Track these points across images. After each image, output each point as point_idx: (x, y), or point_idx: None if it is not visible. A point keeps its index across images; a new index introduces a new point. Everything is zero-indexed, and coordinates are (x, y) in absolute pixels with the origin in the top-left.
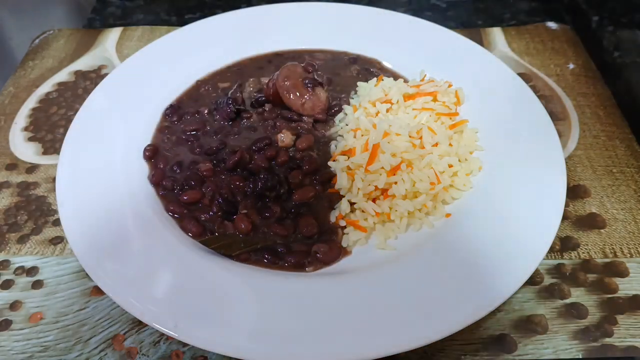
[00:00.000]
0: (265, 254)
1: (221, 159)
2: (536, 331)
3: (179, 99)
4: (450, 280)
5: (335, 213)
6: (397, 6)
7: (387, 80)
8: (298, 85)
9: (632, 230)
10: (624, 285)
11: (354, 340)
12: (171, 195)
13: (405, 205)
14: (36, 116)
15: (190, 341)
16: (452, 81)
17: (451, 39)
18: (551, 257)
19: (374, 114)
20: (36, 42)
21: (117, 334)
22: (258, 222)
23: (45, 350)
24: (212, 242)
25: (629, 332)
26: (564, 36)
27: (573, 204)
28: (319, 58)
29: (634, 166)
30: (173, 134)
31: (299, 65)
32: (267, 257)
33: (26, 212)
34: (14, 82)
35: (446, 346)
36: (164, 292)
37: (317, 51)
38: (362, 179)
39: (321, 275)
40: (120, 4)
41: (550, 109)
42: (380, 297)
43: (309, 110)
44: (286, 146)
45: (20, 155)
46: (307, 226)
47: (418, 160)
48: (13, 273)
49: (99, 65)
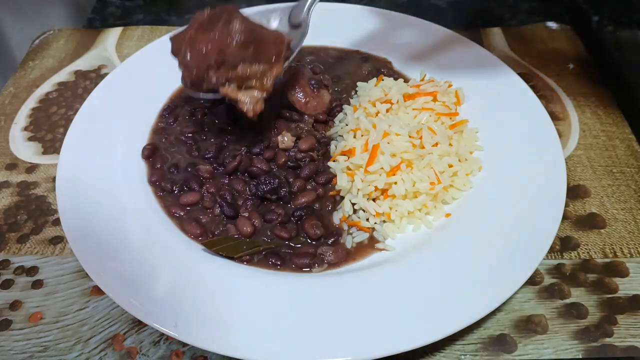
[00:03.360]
0: (269, 257)
1: (221, 162)
2: (536, 331)
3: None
4: (451, 280)
5: (339, 214)
6: (397, 6)
7: (387, 80)
8: (304, 85)
9: (632, 230)
10: (624, 285)
11: (354, 340)
12: (169, 196)
13: (406, 205)
14: (36, 116)
15: (190, 341)
16: (452, 81)
17: (451, 39)
18: (551, 257)
19: (374, 114)
20: (36, 42)
21: (117, 334)
22: (260, 225)
23: (45, 350)
24: (213, 244)
25: (629, 332)
26: (564, 36)
27: (573, 204)
28: (332, 55)
29: (634, 166)
30: (171, 134)
31: (306, 67)
32: (271, 260)
33: (26, 212)
34: (14, 82)
35: (446, 346)
36: (164, 292)
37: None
38: (362, 179)
39: (321, 275)
40: (120, 4)
41: (550, 109)
42: (380, 297)
43: (311, 109)
44: (287, 148)
45: (20, 155)
46: (312, 228)
47: (418, 160)
48: (13, 273)
49: (99, 65)
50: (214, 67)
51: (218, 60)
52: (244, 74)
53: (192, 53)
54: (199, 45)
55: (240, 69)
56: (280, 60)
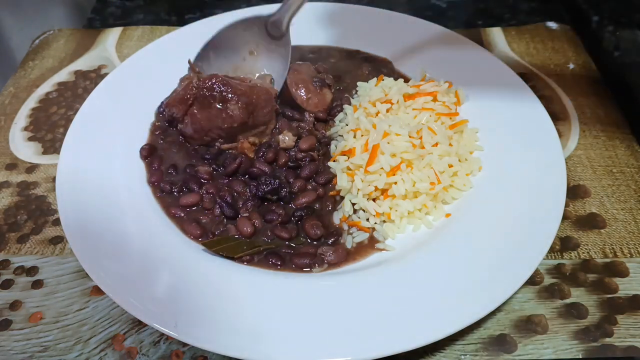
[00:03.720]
0: (269, 258)
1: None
2: (536, 331)
3: None
4: (450, 280)
5: (339, 214)
6: (397, 6)
7: (387, 80)
8: (307, 82)
9: (632, 230)
10: (624, 285)
11: (354, 340)
12: (169, 197)
13: (406, 205)
14: (36, 116)
15: (190, 341)
16: (452, 81)
17: (451, 39)
18: (551, 257)
19: (374, 114)
20: (36, 42)
21: (117, 334)
22: (261, 225)
23: (45, 350)
24: (214, 244)
25: (629, 332)
26: (564, 36)
27: (573, 204)
28: (332, 55)
29: (634, 166)
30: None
31: (311, 65)
32: (271, 260)
33: (26, 212)
34: (14, 82)
35: (446, 346)
36: (164, 292)
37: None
38: (362, 179)
39: (320, 275)
40: (120, 4)
41: (550, 109)
42: (380, 297)
43: (312, 106)
44: (287, 147)
45: (20, 155)
46: (312, 229)
47: (418, 160)
48: (13, 273)
49: (99, 65)
50: (217, 138)
51: (221, 134)
52: (246, 138)
53: (195, 128)
54: (200, 123)
55: (241, 137)
56: (274, 116)
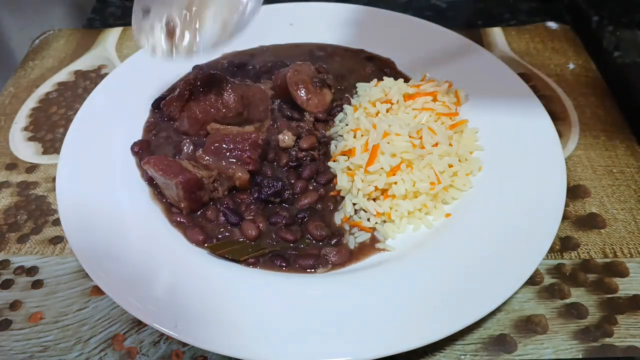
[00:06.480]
0: (275, 259)
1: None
2: (536, 331)
3: None
4: (450, 280)
5: (340, 215)
6: (397, 6)
7: (387, 80)
8: (307, 82)
9: (632, 230)
10: (624, 285)
11: (354, 340)
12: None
13: (406, 205)
14: (36, 116)
15: (190, 341)
16: (452, 81)
17: (451, 39)
18: (551, 257)
19: (374, 114)
20: (36, 42)
21: (117, 333)
22: (265, 228)
23: (45, 350)
24: (218, 248)
25: (629, 332)
26: (564, 36)
27: (573, 204)
28: (336, 53)
29: (634, 166)
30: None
31: (311, 65)
32: (277, 262)
33: (26, 212)
34: (14, 82)
35: (446, 346)
36: (164, 292)
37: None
38: (362, 179)
39: (320, 275)
40: (120, 4)
41: (550, 109)
42: (380, 297)
43: (312, 107)
44: (287, 147)
45: (20, 155)
46: (316, 230)
47: (418, 160)
48: (13, 273)
49: (99, 65)
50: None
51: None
52: None
53: (190, 122)
54: (196, 116)
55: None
56: (268, 115)
